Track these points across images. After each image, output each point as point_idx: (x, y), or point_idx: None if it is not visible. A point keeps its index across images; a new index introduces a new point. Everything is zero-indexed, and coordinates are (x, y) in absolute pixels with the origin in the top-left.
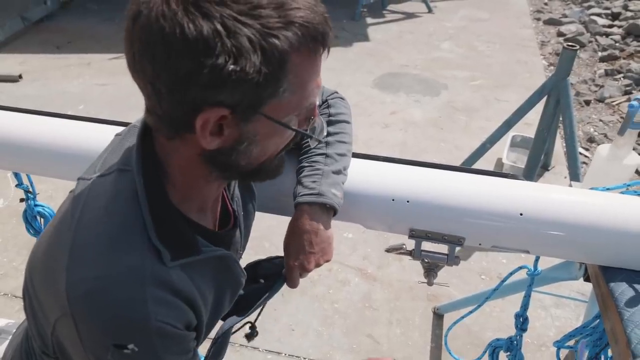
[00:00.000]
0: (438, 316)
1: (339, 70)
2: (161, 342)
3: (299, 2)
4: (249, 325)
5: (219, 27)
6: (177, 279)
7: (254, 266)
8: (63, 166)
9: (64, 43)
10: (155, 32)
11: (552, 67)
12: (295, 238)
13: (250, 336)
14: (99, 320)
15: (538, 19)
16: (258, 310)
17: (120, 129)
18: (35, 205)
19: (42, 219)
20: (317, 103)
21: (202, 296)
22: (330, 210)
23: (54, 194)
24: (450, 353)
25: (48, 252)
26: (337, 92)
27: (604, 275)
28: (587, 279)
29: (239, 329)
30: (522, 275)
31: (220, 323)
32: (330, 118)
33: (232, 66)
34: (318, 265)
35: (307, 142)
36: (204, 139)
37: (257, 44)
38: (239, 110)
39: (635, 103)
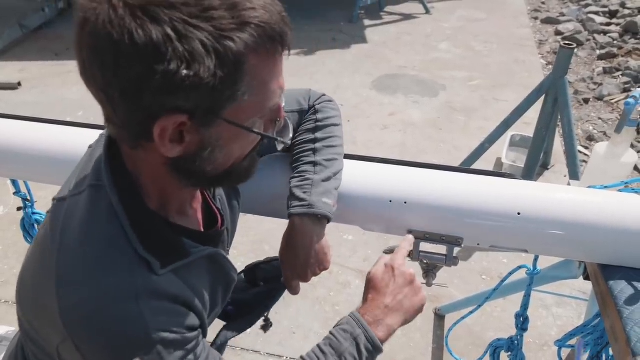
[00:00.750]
0: (439, 317)
1: (337, 73)
2: (166, 349)
3: (254, 2)
4: (262, 318)
5: (169, 31)
6: (170, 285)
7: (252, 269)
8: (62, 173)
9: (62, 50)
10: (103, 39)
11: (550, 66)
12: (289, 251)
13: (266, 327)
14: (98, 342)
15: (536, 18)
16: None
17: None
18: (33, 213)
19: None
20: (282, 104)
21: (199, 296)
22: (323, 220)
23: None
24: (451, 354)
25: (34, 282)
26: (325, 95)
27: (603, 274)
28: (586, 278)
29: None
30: (522, 274)
31: (217, 325)
32: (318, 124)
33: (185, 71)
34: (315, 274)
35: (297, 146)
36: (163, 147)
37: (210, 47)
38: (197, 116)
39: (631, 101)
